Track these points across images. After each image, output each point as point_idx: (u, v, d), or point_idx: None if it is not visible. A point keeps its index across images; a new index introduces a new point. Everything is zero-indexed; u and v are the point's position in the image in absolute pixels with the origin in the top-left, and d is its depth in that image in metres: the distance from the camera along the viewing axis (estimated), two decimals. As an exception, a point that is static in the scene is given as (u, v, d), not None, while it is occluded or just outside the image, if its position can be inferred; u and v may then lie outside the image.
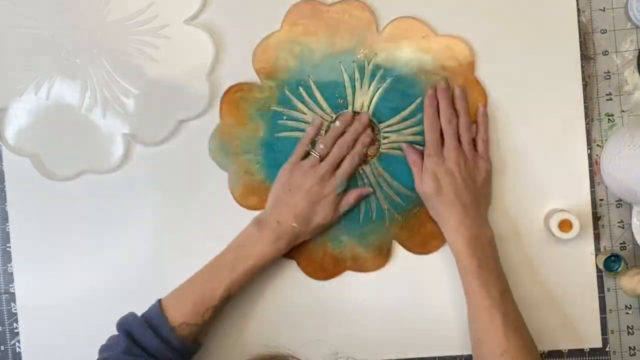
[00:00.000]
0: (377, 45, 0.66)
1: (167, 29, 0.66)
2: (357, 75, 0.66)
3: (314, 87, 0.66)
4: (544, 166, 0.66)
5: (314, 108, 0.66)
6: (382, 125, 0.66)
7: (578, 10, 0.66)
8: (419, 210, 0.66)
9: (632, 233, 0.64)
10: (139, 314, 0.60)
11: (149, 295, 0.61)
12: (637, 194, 0.60)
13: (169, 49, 0.66)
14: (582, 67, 0.66)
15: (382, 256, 0.67)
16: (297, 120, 0.66)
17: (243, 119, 0.66)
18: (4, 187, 0.68)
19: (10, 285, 0.69)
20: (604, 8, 0.66)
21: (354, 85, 0.66)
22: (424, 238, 0.66)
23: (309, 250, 0.66)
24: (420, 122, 0.65)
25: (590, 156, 0.66)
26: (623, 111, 0.66)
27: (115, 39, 0.67)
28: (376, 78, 0.66)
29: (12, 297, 0.69)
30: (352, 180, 0.65)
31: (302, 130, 0.66)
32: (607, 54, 0.66)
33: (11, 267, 0.68)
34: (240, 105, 0.66)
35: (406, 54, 0.66)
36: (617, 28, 0.66)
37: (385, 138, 0.66)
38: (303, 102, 0.66)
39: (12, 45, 0.67)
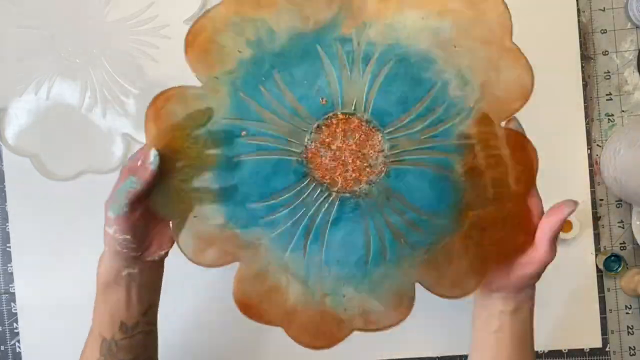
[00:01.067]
0: (368, 12, 0.45)
1: (167, 29, 0.67)
2: (343, 59, 0.45)
3: (281, 84, 0.46)
4: (544, 166, 0.66)
5: (285, 115, 0.46)
6: (386, 128, 0.46)
7: (578, 10, 0.66)
8: (447, 241, 0.47)
9: (632, 233, 0.64)
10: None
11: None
12: (637, 193, 0.60)
13: (169, 49, 0.66)
14: (582, 67, 0.66)
15: (403, 307, 0.49)
16: (261, 134, 0.46)
17: (180, 141, 0.46)
18: (4, 187, 0.68)
19: (10, 285, 0.69)
20: (604, 8, 0.66)
21: (341, 75, 0.45)
22: (457, 277, 0.48)
23: (301, 313, 0.48)
24: (442, 119, 0.46)
25: (590, 156, 0.66)
26: (623, 111, 0.66)
27: (115, 39, 0.67)
28: (371, 61, 0.45)
29: (12, 297, 0.69)
30: (352, 209, 0.47)
31: (272, 149, 0.46)
32: (607, 54, 0.66)
33: (11, 267, 0.68)
34: (172, 122, 0.46)
35: (413, 22, 0.45)
36: (617, 28, 0.66)
37: (393, 147, 0.46)
38: (268, 107, 0.46)
39: (12, 45, 0.67)
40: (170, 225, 0.47)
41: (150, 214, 0.47)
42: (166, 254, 0.50)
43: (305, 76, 0.46)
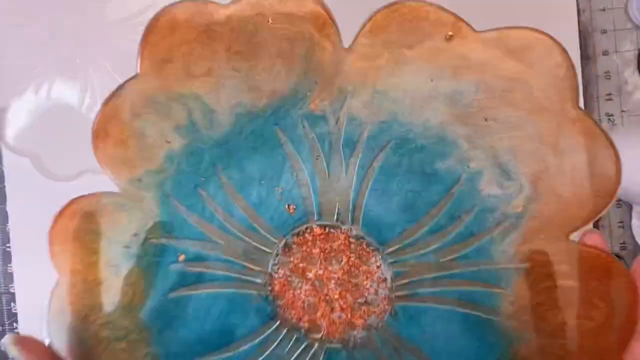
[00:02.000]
0: (348, 74, 0.30)
1: (167, 29, 0.67)
2: (316, 146, 0.31)
3: (228, 186, 0.32)
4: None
5: (237, 227, 0.32)
6: (387, 247, 0.32)
7: (578, 10, 0.66)
8: None
9: (632, 233, 0.64)
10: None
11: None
12: (637, 194, 0.60)
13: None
14: (582, 67, 0.66)
15: None
16: (208, 259, 0.33)
17: (94, 272, 0.35)
18: (4, 187, 0.68)
19: (10, 285, 0.69)
20: (604, 8, 0.66)
21: (314, 170, 0.31)
22: None
23: None
24: (475, 231, 0.31)
25: (590, 156, 0.66)
26: (623, 111, 0.66)
27: (115, 39, 0.67)
28: (359, 146, 0.31)
29: (12, 297, 0.69)
30: None
31: (223, 279, 0.33)
32: (607, 54, 0.66)
33: (11, 267, 0.68)
34: (86, 244, 0.36)
35: (417, 86, 0.30)
36: (617, 28, 0.66)
37: (399, 275, 0.32)
38: (212, 220, 0.33)
39: (12, 45, 0.67)
40: None
41: None
42: None
43: (262, 173, 0.31)
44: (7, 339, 0.33)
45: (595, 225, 0.66)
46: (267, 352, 0.31)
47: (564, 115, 0.29)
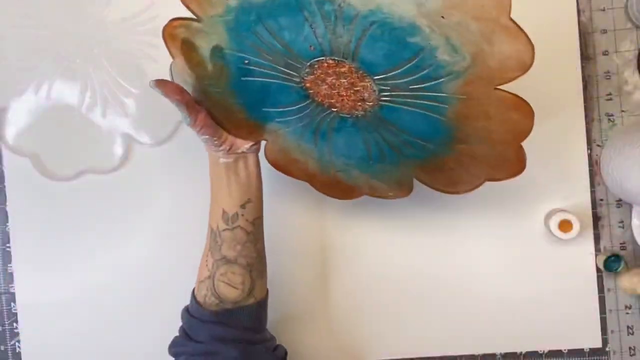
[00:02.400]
0: None
1: (167, 29, 0.67)
2: (325, 18, 0.44)
3: (271, 29, 0.47)
4: (544, 166, 0.66)
5: (280, 52, 0.48)
6: (375, 76, 0.47)
7: (578, 10, 0.66)
8: (440, 159, 0.53)
9: (632, 233, 0.64)
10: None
11: (149, 295, 0.61)
12: (637, 194, 0.60)
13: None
14: (582, 67, 0.66)
15: (404, 190, 0.58)
16: (263, 65, 0.50)
17: (197, 59, 0.52)
18: (4, 187, 0.68)
19: (11, 285, 0.69)
20: (604, 8, 0.66)
21: (325, 30, 0.45)
22: (450, 181, 0.56)
23: (320, 175, 0.60)
24: (431, 76, 0.45)
25: (590, 156, 0.66)
26: (623, 111, 0.66)
27: (115, 39, 0.67)
28: (354, 21, 0.44)
29: (12, 297, 0.69)
30: (350, 125, 0.53)
31: (274, 75, 0.50)
32: (607, 54, 0.66)
33: (11, 267, 0.69)
34: (188, 42, 0.51)
35: None
36: (617, 28, 0.66)
37: (384, 90, 0.48)
38: (263, 45, 0.48)
39: (12, 45, 0.67)
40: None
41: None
42: (253, 148, 0.57)
43: (290, 27, 0.46)
44: (152, 82, 0.50)
45: (596, 225, 0.66)
46: (304, 112, 0.52)
47: (498, 22, 0.42)
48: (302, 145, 0.57)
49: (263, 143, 0.59)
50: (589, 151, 0.66)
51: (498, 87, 0.47)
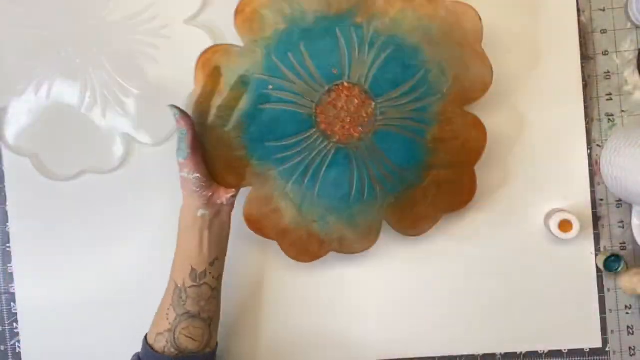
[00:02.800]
0: (377, 9, 0.59)
1: (167, 29, 0.67)
2: (355, 41, 0.58)
3: (305, 54, 0.58)
4: (544, 166, 0.66)
5: (305, 78, 0.59)
6: (380, 99, 0.59)
7: (578, 10, 0.66)
8: (411, 191, 0.62)
9: (632, 233, 0.64)
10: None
11: (149, 294, 0.61)
12: (637, 194, 0.60)
13: (169, 49, 0.66)
14: (582, 67, 0.66)
15: (371, 237, 0.63)
16: (284, 90, 0.59)
17: (222, 86, 0.59)
18: (4, 187, 0.68)
19: (11, 285, 0.69)
20: (604, 8, 0.66)
21: (351, 54, 0.59)
22: (415, 219, 0.63)
23: (292, 232, 0.62)
24: (422, 98, 0.60)
25: (590, 156, 0.66)
26: (623, 111, 0.66)
27: (115, 39, 0.67)
28: (375, 46, 0.58)
29: (12, 297, 0.69)
30: (344, 157, 0.61)
31: (290, 102, 0.59)
32: (607, 54, 0.66)
33: (11, 267, 0.69)
34: (218, 70, 0.59)
35: (410, 21, 0.59)
36: (617, 28, 0.66)
37: (382, 114, 0.60)
38: (292, 70, 0.59)
39: (12, 45, 0.67)
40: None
41: None
42: (231, 201, 0.59)
43: (324, 50, 0.59)
44: (174, 109, 0.55)
45: (596, 225, 0.66)
46: (306, 144, 0.60)
47: (474, 49, 0.59)
48: (288, 187, 0.61)
49: (240, 200, 0.61)
50: (589, 151, 0.66)
51: (465, 107, 0.61)
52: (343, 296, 0.68)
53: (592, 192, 0.66)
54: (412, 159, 0.61)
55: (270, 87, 0.59)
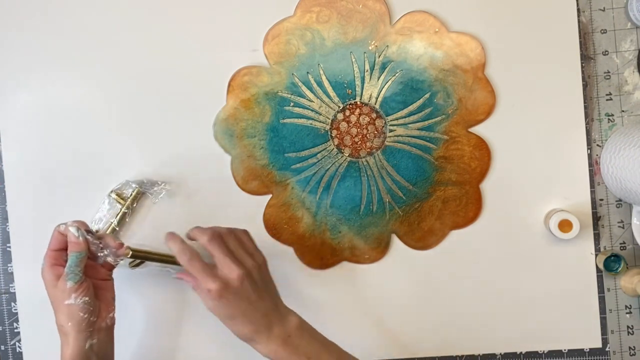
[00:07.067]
0: (389, 37, 0.65)
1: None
2: (367, 66, 0.65)
3: (323, 76, 0.66)
4: (544, 166, 0.66)
5: (322, 97, 0.66)
6: (389, 117, 0.65)
7: (578, 10, 0.66)
8: (420, 205, 0.66)
9: (632, 233, 0.64)
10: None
11: (149, 290, 0.61)
12: (637, 194, 0.60)
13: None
14: (582, 67, 0.66)
15: (381, 249, 0.66)
16: (303, 107, 0.66)
17: (250, 102, 0.66)
18: (4, 187, 0.68)
19: (11, 285, 0.69)
20: (604, 8, 0.66)
21: (364, 77, 0.66)
22: (423, 233, 0.66)
23: (308, 239, 0.67)
24: (427, 118, 0.65)
25: (590, 156, 0.66)
26: (623, 111, 0.66)
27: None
28: (386, 70, 0.65)
29: (12, 297, 0.69)
30: (355, 170, 0.66)
31: (309, 118, 0.66)
32: (607, 54, 0.66)
33: (11, 267, 0.68)
34: (247, 88, 0.65)
35: (417, 49, 0.65)
36: (617, 28, 0.66)
37: (391, 131, 0.65)
38: (311, 90, 0.66)
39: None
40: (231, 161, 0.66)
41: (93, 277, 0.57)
42: (114, 317, 0.58)
43: (339, 73, 0.66)
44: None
45: (596, 225, 0.66)
46: (322, 157, 0.66)
47: (477, 74, 0.65)
48: (305, 197, 0.67)
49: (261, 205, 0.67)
50: (589, 151, 0.66)
51: (469, 129, 0.66)
52: (343, 297, 0.68)
53: (592, 192, 0.66)
54: (420, 175, 0.66)
55: (292, 104, 0.66)
